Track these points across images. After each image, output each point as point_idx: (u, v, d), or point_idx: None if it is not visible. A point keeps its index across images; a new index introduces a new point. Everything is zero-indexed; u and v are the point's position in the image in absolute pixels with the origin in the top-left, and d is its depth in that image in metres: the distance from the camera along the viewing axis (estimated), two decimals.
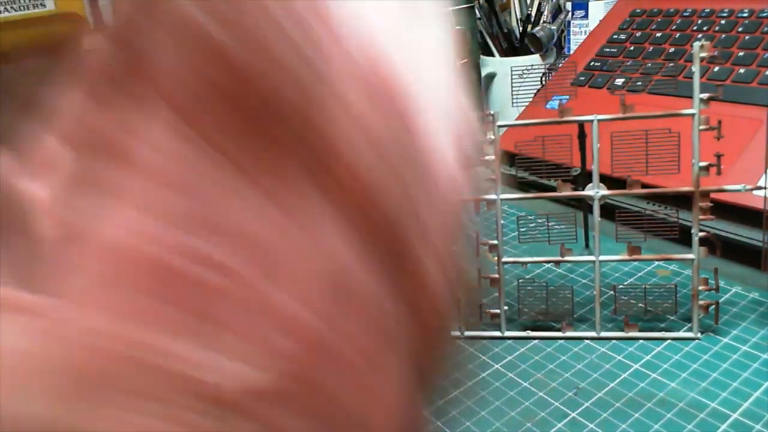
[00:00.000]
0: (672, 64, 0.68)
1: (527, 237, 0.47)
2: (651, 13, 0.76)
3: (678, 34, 0.70)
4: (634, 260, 0.46)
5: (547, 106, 0.70)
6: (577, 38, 0.90)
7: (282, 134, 0.13)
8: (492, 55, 0.94)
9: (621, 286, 0.50)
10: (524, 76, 0.46)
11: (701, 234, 0.44)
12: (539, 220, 0.47)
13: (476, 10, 0.86)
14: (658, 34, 0.72)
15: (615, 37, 0.76)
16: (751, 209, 0.51)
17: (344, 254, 0.13)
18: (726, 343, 0.44)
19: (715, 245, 0.44)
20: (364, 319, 0.14)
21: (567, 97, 0.67)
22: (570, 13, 0.91)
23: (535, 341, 0.47)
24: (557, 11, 0.93)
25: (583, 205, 0.55)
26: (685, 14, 0.72)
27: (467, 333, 0.48)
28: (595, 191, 0.45)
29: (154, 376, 0.11)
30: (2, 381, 0.11)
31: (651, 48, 0.71)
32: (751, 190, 0.42)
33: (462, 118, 0.15)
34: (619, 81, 0.70)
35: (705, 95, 0.42)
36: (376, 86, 0.13)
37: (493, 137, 0.45)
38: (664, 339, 0.45)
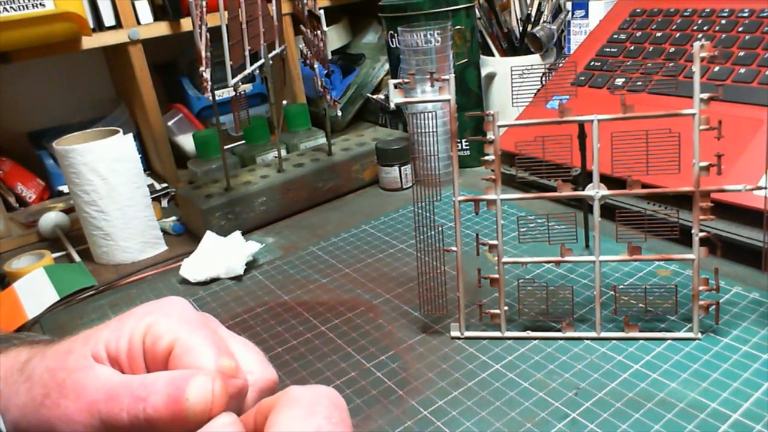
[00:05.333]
0: (672, 64, 0.68)
1: (527, 237, 0.47)
2: (651, 13, 0.76)
3: (678, 34, 0.70)
4: (635, 260, 0.46)
5: (547, 106, 0.70)
6: (577, 38, 0.90)
7: None
8: (492, 55, 0.94)
9: (621, 287, 0.50)
10: (524, 76, 0.46)
11: (701, 234, 0.44)
12: (539, 220, 0.47)
13: (476, 10, 0.86)
14: (659, 34, 0.72)
15: (615, 36, 0.76)
16: (752, 209, 0.51)
17: None
18: (726, 343, 0.44)
19: (716, 245, 0.44)
20: None
21: (567, 97, 0.67)
22: (570, 13, 0.91)
23: (535, 341, 0.47)
24: (557, 11, 0.93)
25: (583, 205, 0.55)
26: (685, 14, 0.72)
27: (467, 333, 0.48)
28: (596, 191, 0.45)
29: None
30: None
31: (651, 48, 0.71)
32: (752, 190, 0.42)
33: None
34: (619, 81, 0.70)
35: (705, 95, 0.42)
36: None
37: (493, 137, 0.45)
38: (665, 339, 0.45)
